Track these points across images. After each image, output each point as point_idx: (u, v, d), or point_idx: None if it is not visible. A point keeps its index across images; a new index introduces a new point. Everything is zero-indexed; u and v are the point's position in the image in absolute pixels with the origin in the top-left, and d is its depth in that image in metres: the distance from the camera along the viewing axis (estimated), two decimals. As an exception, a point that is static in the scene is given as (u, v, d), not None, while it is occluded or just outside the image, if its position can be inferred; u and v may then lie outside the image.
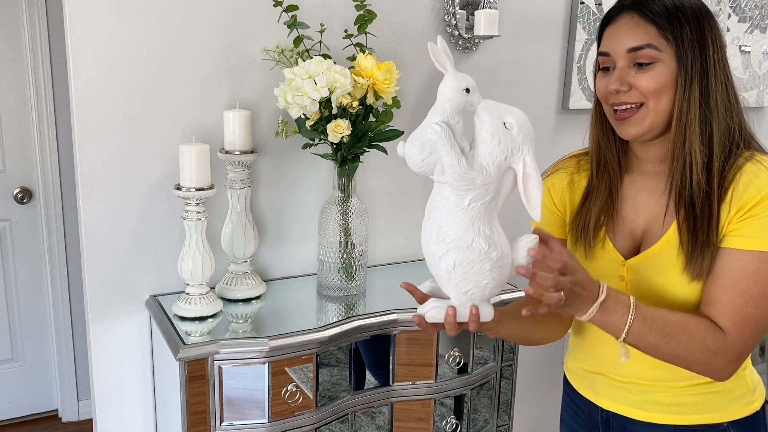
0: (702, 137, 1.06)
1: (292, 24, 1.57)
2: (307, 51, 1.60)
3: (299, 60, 1.55)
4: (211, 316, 1.54)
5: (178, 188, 1.48)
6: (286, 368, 1.45)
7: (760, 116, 2.58)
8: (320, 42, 1.62)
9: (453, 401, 1.68)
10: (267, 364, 1.42)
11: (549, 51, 2.08)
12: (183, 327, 1.47)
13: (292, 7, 1.57)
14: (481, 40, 1.93)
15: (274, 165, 1.73)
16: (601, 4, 2.09)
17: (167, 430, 1.60)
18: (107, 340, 1.63)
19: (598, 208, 1.18)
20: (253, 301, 1.64)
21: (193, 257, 1.51)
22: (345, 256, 1.66)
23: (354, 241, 1.66)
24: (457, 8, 1.87)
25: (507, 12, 1.97)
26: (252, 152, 1.60)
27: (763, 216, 1.02)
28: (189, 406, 1.39)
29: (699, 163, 1.06)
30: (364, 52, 1.61)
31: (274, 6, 1.56)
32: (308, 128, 1.55)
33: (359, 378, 1.58)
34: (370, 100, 1.57)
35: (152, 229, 1.63)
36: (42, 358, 3.00)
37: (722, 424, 1.15)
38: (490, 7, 1.90)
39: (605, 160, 1.19)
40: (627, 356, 1.04)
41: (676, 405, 1.15)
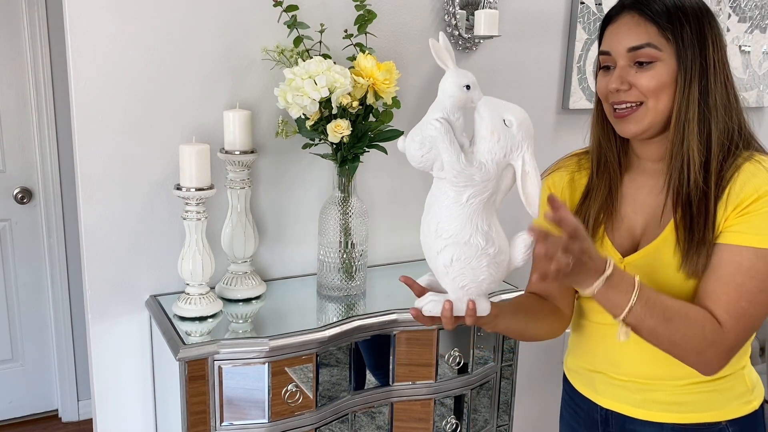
0: (700, 136, 1.07)
1: (292, 24, 1.57)
2: (307, 51, 1.60)
3: (299, 60, 1.55)
4: (211, 316, 1.54)
5: (178, 188, 1.48)
6: (286, 368, 1.45)
7: (760, 116, 2.58)
8: (320, 42, 1.62)
9: (453, 401, 1.68)
10: (267, 364, 1.42)
11: (549, 51, 2.08)
12: (183, 327, 1.47)
13: (292, 7, 1.57)
14: (481, 40, 1.93)
15: (274, 165, 1.73)
16: (601, 4, 2.09)
17: (167, 430, 1.60)
18: (107, 340, 1.63)
19: (598, 207, 1.19)
20: (253, 301, 1.64)
21: (193, 257, 1.51)
22: (345, 256, 1.66)
23: (354, 241, 1.66)
24: (457, 8, 1.87)
25: (507, 12, 1.97)
26: (252, 152, 1.60)
27: (759, 213, 1.03)
28: (189, 406, 1.39)
29: (696, 162, 1.07)
30: (364, 52, 1.61)
31: (274, 6, 1.56)
32: (308, 128, 1.55)
33: (359, 378, 1.58)
34: (370, 100, 1.57)
35: (152, 229, 1.63)
36: (42, 358, 3.00)
37: (721, 422, 1.15)
38: (490, 7, 1.90)
39: (605, 159, 1.20)
40: (626, 335, 1.03)
41: (675, 404, 1.16)
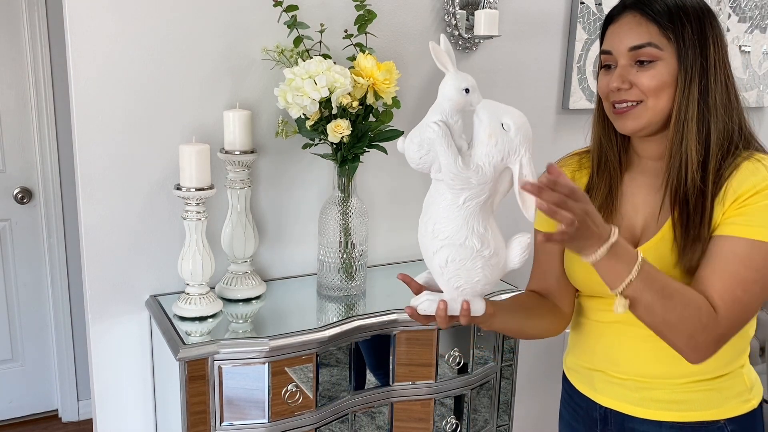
0: (699, 136, 1.08)
1: (292, 24, 1.57)
2: (307, 51, 1.60)
3: (299, 60, 1.55)
4: (211, 316, 1.54)
5: (178, 188, 1.48)
6: (286, 368, 1.45)
7: (760, 116, 2.58)
8: (320, 42, 1.62)
9: (453, 401, 1.68)
10: (267, 364, 1.42)
11: (549, 51, 2.08)
12: (183, 327, 1.47)
13: (292, 7, 1.57)
14: (481, 40, 1.93)
15: (274, 165, 1.73)
16: (601, 4, 2.09)
17: (167, 430, 1.60)
18: (107, 340, 1.63)
19: (598, 205, 1.19)
20: (253, 301, 1.64)
21: (193, 257, 1.51)
22: (345, 256, 1.66)
23: (354, 241, 1.66)
24: (457, 8, 1.87)
25: (507, 12, 1.97)
26: (252, 152, 1.60)
27: (756, 206, 1.04)
28: (189, 406, 1.39)
29: (694, 162, 1.08)
30: (364, 52, 1.61)
31: (274, 6, 1.56)
32: (308, 128, 1.55)
33: (359, 378, 1.58)
34: (370, 100, 1.57)
35: (152, 229, 1.63)
36: (42, 358, 3.00)
37: (719, 421, 1.15)
38: (490, 7, 1.90)
39: (606, 158, 1.21)
40: (624, 308, 1.02)
41: (673, 402, 1.16)
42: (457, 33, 1.89)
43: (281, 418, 1.46)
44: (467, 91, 0.97)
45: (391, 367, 1.60)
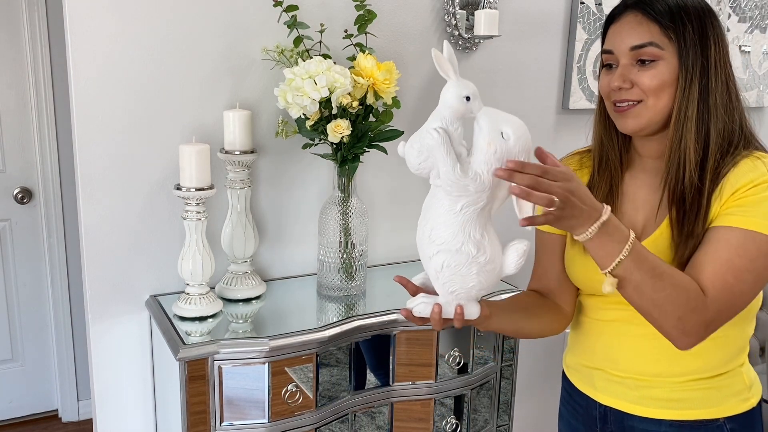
0: (698, 135, 1.08)
1: (292, 24, 1.57)
2: (307, 51, 1.60)
3: (299, 60, 1.55)
4: (211, 316, 1.54)
5: (178, 188, 1.48)
6: (286, 368, 1.45)
7: (760, 116, 2.58)
8: (320, 42, 1.62)
9: (453, 401, 1.68)
10: (267, 364, 1.42)
11: (549, 51, 2.08)
12: (183, 327, 1.47)
13: (292, 7, 1.57)
14: (481, 40, 1.93)
15: (274, 165, 1.73)
16: (601, 4, 2.09)
17: (167, 430, 1.60)
18: (107, 340, 1.63)
19: None
20: (253, 301, 1.64)
21: (193, 257, 1.51)
22: (345, 256, 1.66)
23: (354, 241, 1.66)
24: (457, 8, 1.87)
25: (507, 12, 1.97)
26: (252, 152, 1.60)
27: (753, 197, 1.04)
28: (189, 406, 1.39)
29: (692, 161, 1.08)
30: (364, 52, 1.61)
31: (274, 6, 1.56)
32: (308, 128, 1.55)
33: (359, 378, 1.58)
34: (370, 100, 1.57)
35: (152, 229, 1.63)
36: (42, 358, 3.00)
37: (718, 419, 1.16)
38: (490, 7, 1.90)
39: (607, 157, 1.22)
40: (612, 287, 1.02)
41: (673, 400, 1.16)
42: (457, 33, 1.89)
43: (281, 418, 1.46)
44: (468, 99, 0.97)
45: (391, 367, 1.60)
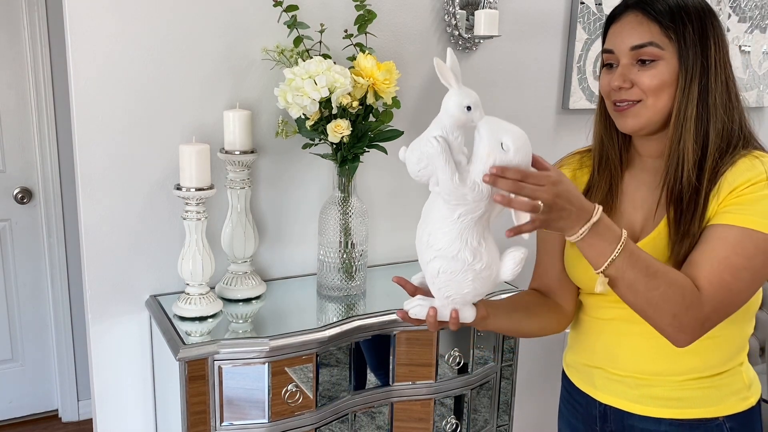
0: (696, 135, 1.09)
1: (292, 24, 1.57)
2: (307, 51, 1.60)
3: (299, 60, 1.55)
4: (211, 316, 1.54)
5: (178, 188, 1.48)
6: (286, 368, 1.45)
7: (760, 116, 2.58)
8: (320, 42, 1.62)
9: (453, 401, 1.68)
10: (267, 364, 1.42)
11: (549, 51, 2.08)
12: (183, 327, 1.47)
13: (292, 7, 1.57)
14: (481, 40, 1.93)
15: (274, 165, 1.73)
16: (601, 4, 2.09)
17: (167, 430, 1.60)
18: (107, 340, 1.63)
19: (597, 203, 1.20)
20: (253, 301, 1.64)
21: (193, 257, 1.51)
22: (345, 256, 1.66)
23: (354, 241, 1.66)
24: (457, 8, 1.87)
25: (507, 12, 1.97)
26: (252, 152, 1.60)
27: (750, 195, 1.04)
28: (189, 406, 1.39)
29: (690, 161, 1.09)
30: (364, 52, 1.61)
31: (274, 6, 1.56)
32: (308, 128, 1.55)
33: (359, 378, 1.58)
34: (370, 100, 1.57)
35: (152, 229, 1.63)
36: (42, 358, 3.00)
37: (718, 418, 1.16)
38: (490, 7, 1.90)
39: (607, 156, 1.22)
40: (603, 287, 1.02)
41: (672, 399, 1.16)
42: (457, 33, 1.89)
43: (281, 418, 1.46)
44: (469, 108, 0.97)
45: (391, 367, 1.60)
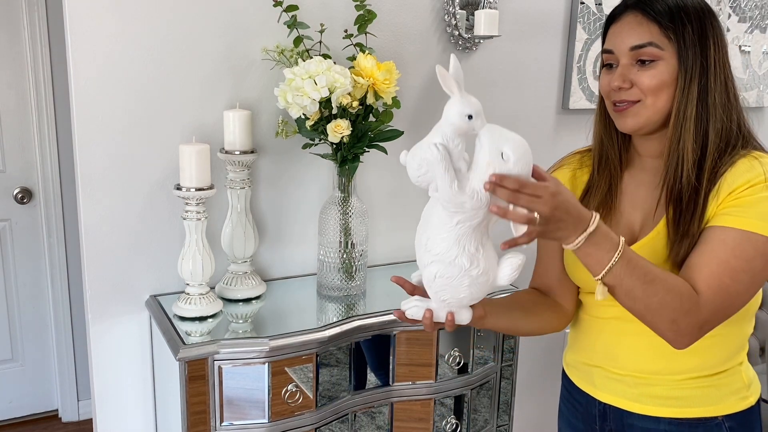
0: (696, 135, 1.09)
1: (292, 24, 1.57)
2: (307, 51, 1.60)
3: (299, 60, 1.55)
4: (211, 316, 1.54)
5: (178, 188, 1.48)
6: (286, 368, 1.45)
7: (760, 116, 2.58)
8: (320, 42, 1.62)
9: (453, 401, 1.68)
10: (267, 364, 1.42)
11: (549, 51, 2.08)
12: (183, 327, 1.47)
13: (292, 7, 1.57)
14: (481, 40, 1.93)
15: (274, 165, 1.73)
16: (601, 4, 2.09)
17: (167, 430, 1.60)
18: (107, 340, 1.63)
19: (597, 203, 1.21)
20: (253, 301, 1.64)
21: (193, 257, 1.51)
22: (345, 256, 1.66)
23: (354, 241, 1.66)
24: (457, 8, 1.87)
25: (507, 12, 1.97)
26: (252, 152, 1.60)
27: (750, 198, 1.05)
28: (189, 406, 1.39)
29: (690, 160, 1.09)
30: (364, 52, 1.61)
31: (274, 6, 1.56)
32: (308, 128, 1.55)
33: (359, 378, 1.58)
34: (370, 100, 1.57)
35: (152, 229, 1.63)
36: (42, 358, 3.00)
37: (717, 417, 1.16)
38: (490, 7, 1.90)
39: (607, 156, 1.22)
40: (603, 295, 1.03)
41: (671, 398, 1.17)
42: (457, 33, 1.89)
43: (281, 418, 1.46)
44: (470, 117, 0.96)
45: (391, 367, 1.60)
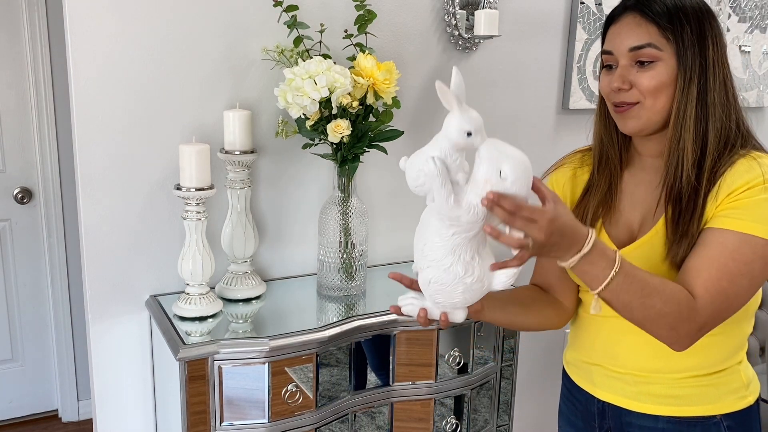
0: (696, 135, 1.09)
1: (292, 24, 1.57)
2: (307, 51, 1.60)
3: (299, 60, 1.55)
4: (211, 316, 1.54)
5: (178, 188, 1.48)
6: (286, 368, 1.45)
7: (760, 116, 2.58)
8: (320, 42, 1.62)
9: (453, 401, 1.68)
10: (267, 364, 1.42)
11: (549, 51, 2.08)
12: (183, 327, 1.47)
13: (292, 7, 1.57)
14: (481, 40, 1.93)
15: (274, 165, 1.73)
16: (601, 4, 2.09)
17: (167, 430, 1.60)
18: (107, 340, 1.63)
19: (597, 202, 1.21)
20: (253, 301, 1.64)
21: (193, 257, 1.51)
22: (345, 256, 1.66)
23: (354, 241, 1.66)
24: (457, 8, 1.87)
25: (507, 12, 1.97)
26: (252, 152, 1.60)
27: (748, 200, 1.05)
28: (189, 406, 1.39)
29: (690, 160, 1.09)
30: (364, 52, 1.61)
31: (274, 6, 1.56)
32: (308, 128, 1.55)
33: (359, 378, 1.58)
34: (370, 100, 1.57)
35: (152, 229, 1.63)
36: (42, 358, 3.00)
37: (715, 416, 1.16)
38: (490, 7, 1.90)
39: (607, 156, 1.23)
40: (597, 309, 1.04)
41: (670, 396, 1.17)
42: (457, 33, 1.89)
43: (281, 418, 1.46)
44: (470, 134, 0.95)
45: (391, 367, 1.60)
